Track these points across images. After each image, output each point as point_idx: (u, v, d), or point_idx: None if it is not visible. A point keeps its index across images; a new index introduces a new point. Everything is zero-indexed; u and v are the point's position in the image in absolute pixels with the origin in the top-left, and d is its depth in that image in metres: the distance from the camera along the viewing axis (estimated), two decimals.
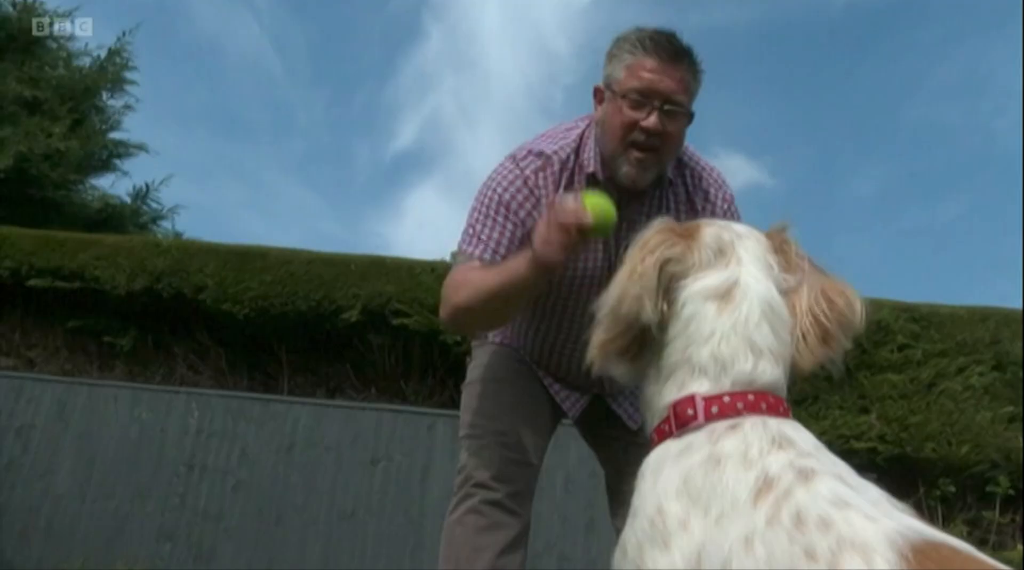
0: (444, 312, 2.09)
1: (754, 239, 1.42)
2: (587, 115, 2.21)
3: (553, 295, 2.21)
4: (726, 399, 1.27)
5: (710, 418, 1.26)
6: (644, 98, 1.98)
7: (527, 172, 2.13)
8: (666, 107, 1.99)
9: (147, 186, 12.10)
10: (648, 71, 1.99)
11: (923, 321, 6.47)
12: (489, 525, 2.13)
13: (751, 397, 1.27)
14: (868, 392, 6.20)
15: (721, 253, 1.38)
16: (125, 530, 6.02)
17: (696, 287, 1.35)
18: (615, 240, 2.13)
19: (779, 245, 1.43)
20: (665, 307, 1.35)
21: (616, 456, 2.34)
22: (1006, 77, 21.05)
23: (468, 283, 2.04)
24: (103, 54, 11.91)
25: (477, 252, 2.10)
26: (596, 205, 1.81)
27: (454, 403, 6.37)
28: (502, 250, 2.08)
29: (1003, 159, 21.32)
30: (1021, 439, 5.91)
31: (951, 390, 6.18)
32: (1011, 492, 5.83)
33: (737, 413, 1.25)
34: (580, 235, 1.79)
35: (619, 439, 2.34)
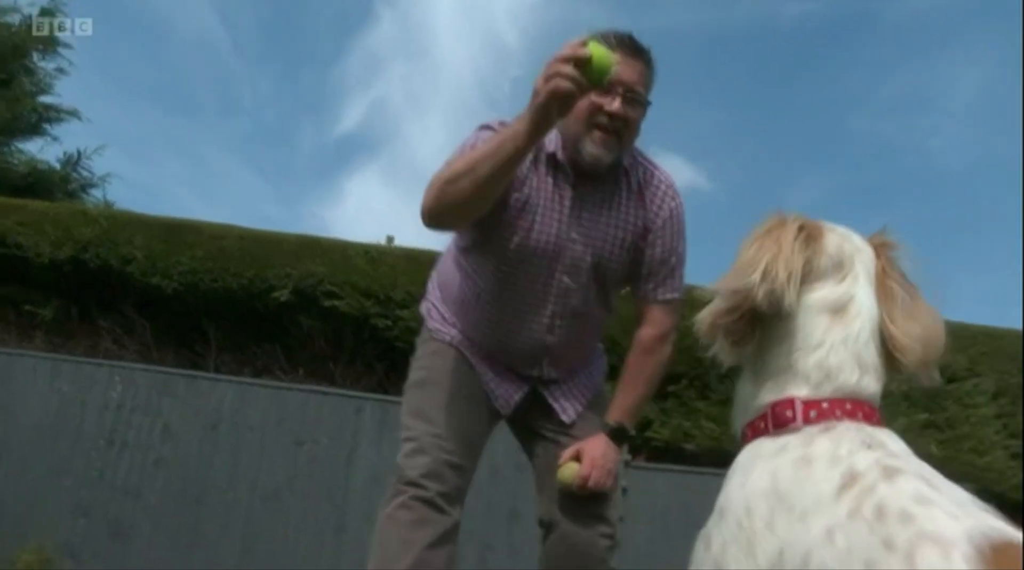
0: (427, 196, 2.11)
1: (868, 254, 1.46)
2: None
3: (503, 265, 2.27)
4: (825, 405, 1.32)
5: (808, 421, 1.31)
6: (609, 86, 2.09)
7: (499, 130, 2.18)
8: (628, 95, 2.16)
9: (78, 153, 11.82)
10: None
11: None
12: (418, 520, 2.18)
13: (849, 406, 1.32)
14: None
15: (840, 266, 1.42)
16: (39, 505, 5.89)
17: (814, 297, 1.39)
18: (568, 219, 2.25)
19: (884, 263, 1.47)
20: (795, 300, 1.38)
21: (547, 453, 2.41)
22: (944, 98, 21.66)
23: (456, 160, 2.10)
24: (35, 12, 11.57)
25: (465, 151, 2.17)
26: (597, 48, 1.87)
27: (382, 387, 6.37)
28: None
29: (936, 178, 21.94)
30: (934, 446, 6.09)
31: None
32: None
33: (835, 419, 1.30)
34: (579, 70, 1.82)
35: (550, 438, 2.42)
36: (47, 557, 5.60)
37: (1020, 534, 1.02)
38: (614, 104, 2.14)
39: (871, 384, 1.36)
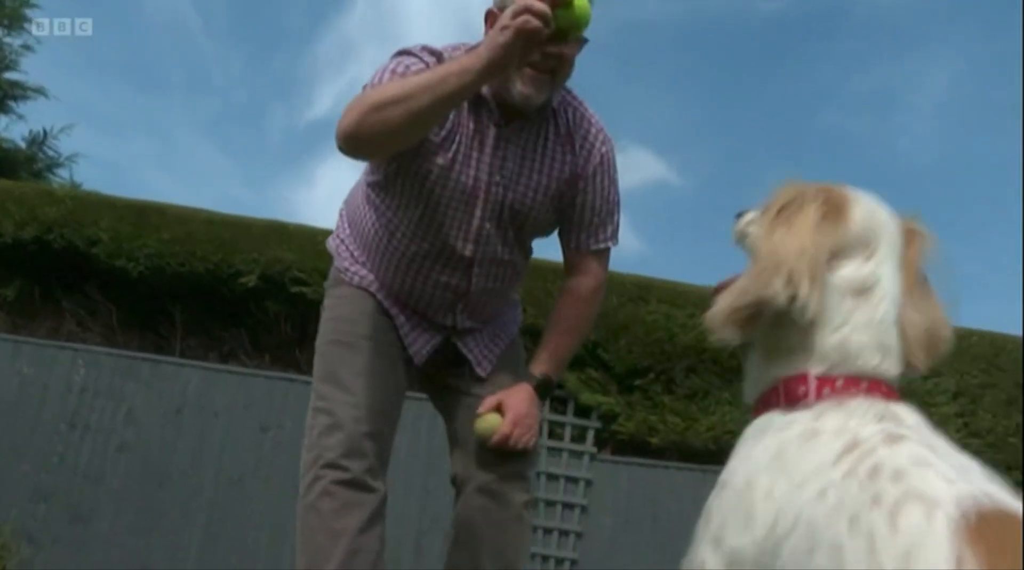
0: (347, 118, 1.95)
1: (894, 229, 1.39)
2: (464, 44, 2.15)
3: (418, 205, 2.14)
4: (839, 382, 1.27)
5: (820, 399, 1.26)
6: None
7: (425, 57, 2.07)
8: None
9: (45, 132, 11.66)
10: None
11: None
12: (343, 506, 2.02)
13: (865, 384, 1.26)
14: None
15: (866, 243, 1.34)
16: None
17: (838, 276, 1.32)
18: (491, 160, 2.11)
19: (912, 250, 1.40)
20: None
21: (462, 409, 2.29)
22: (914, 95, 21.90)
23: (388, 85, 1.94)
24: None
25: (387, 75, 2.03)
26: None
27: None
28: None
29: (904, 175, 22.17)
30: None
31: None
32: None
33: (849, 397, 1.25)
34: (554, 10, 1.73)
35: (463, 393, 2.30)
36: (4, 542, 5.53)
37: (1018, 506, 0.97)
38: None
39: (892, 367, 1.30)
